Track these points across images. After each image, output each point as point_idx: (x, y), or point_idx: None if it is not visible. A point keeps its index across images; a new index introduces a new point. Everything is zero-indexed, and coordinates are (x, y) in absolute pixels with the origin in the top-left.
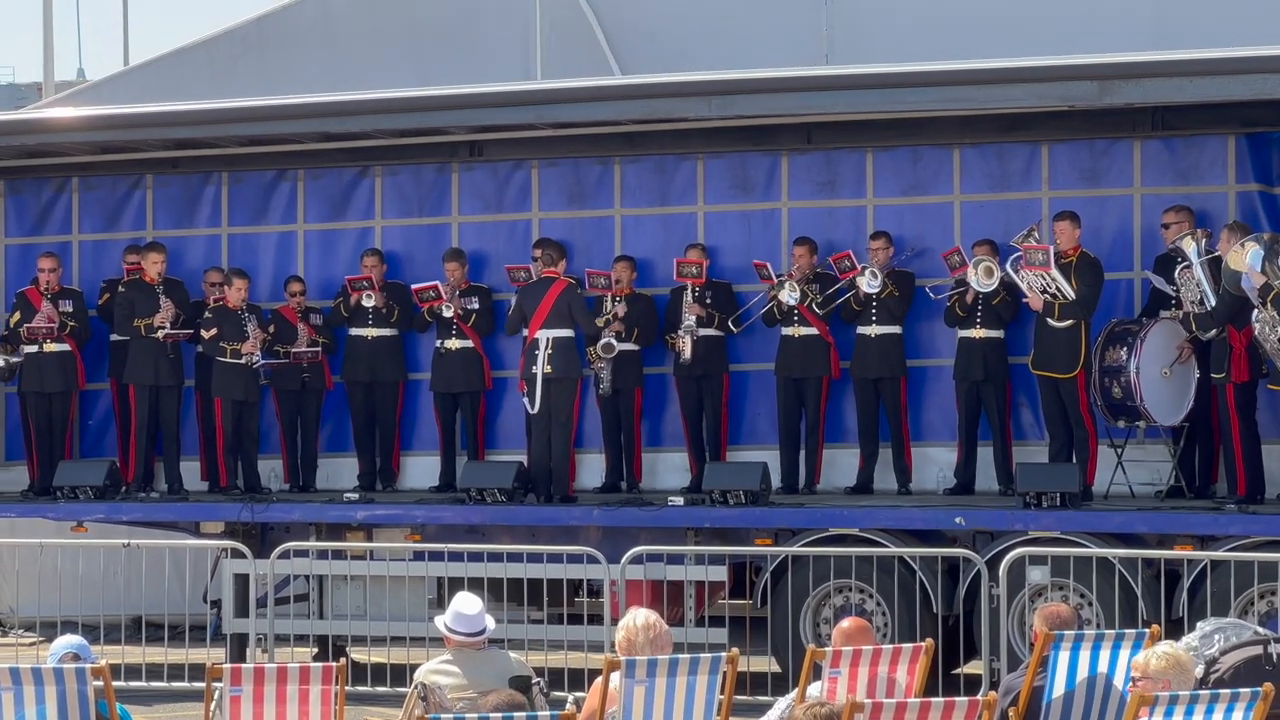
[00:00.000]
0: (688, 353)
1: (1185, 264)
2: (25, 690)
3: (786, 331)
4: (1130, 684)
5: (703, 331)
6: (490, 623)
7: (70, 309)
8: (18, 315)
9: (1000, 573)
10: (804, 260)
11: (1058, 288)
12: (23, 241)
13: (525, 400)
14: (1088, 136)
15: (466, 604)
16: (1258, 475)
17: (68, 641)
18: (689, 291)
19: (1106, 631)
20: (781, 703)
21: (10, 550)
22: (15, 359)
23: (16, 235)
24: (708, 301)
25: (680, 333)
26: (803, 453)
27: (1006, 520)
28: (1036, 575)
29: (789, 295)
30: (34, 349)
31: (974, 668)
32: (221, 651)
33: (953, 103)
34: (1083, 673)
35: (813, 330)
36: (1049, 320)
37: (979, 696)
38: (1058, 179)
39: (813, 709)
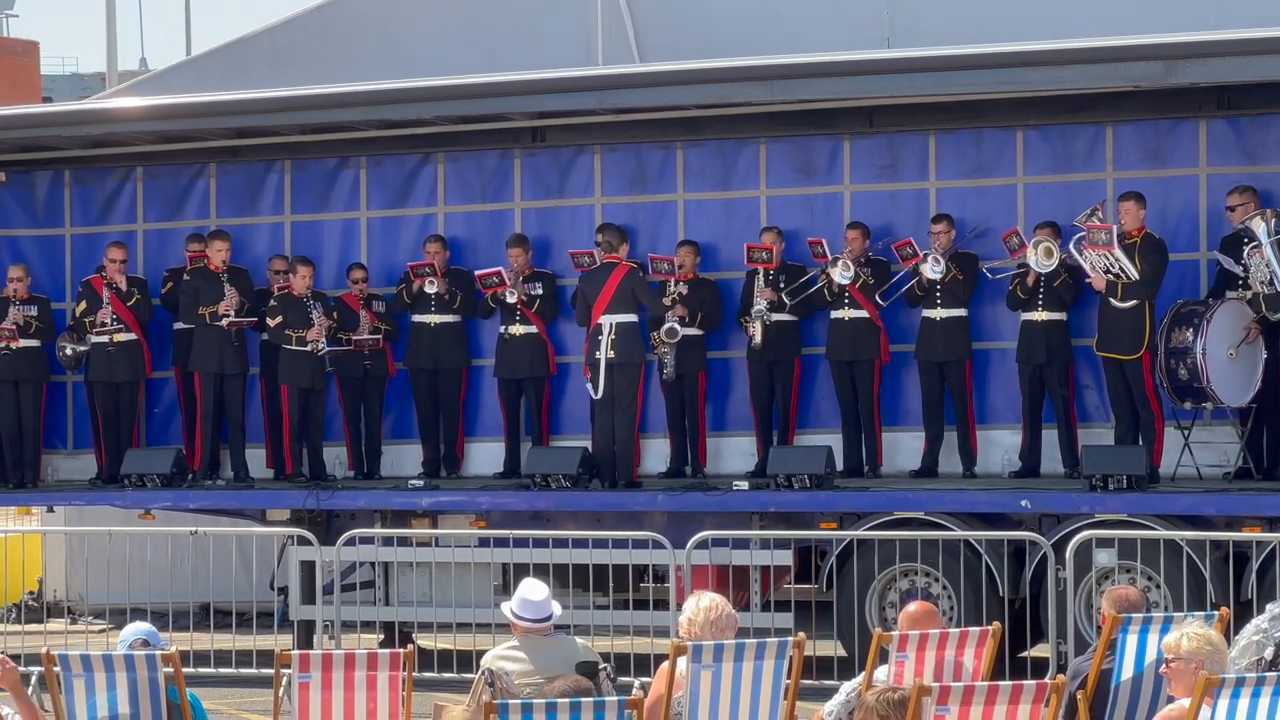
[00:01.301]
0: (758, 337)
1: (1254, 244)
2: (96, 677)
3: (836, 314)
4: (1164, 665)
5: (775, 316)
6: (557, 609)
7: (136, 297)
8: (84, 304)
9: (1067, 556)
10: (856, 244)
11: (1121, 268)
12: (88, 231)
13: (589, 385)
14: (1152, 117)
15: (533, 590)
16: None
17: (138, 628)
18: (760, 276)
19: (1175, 614)
20: (847, 686)
21: (79, 538)
22: (82, 348)
23: (81, 225)
24: (782, 285)
25: (752, 317)
26: (863, 436)
27: (1073, 503)
28: (1103, 558)
29: (842, 274)
30: (105, 339)
31: (1041, 651)
32: (288, 638)
33: (1015, 85)
34: (1151, 655)
35: (863, 313)
36: (1112, 301)
37: (1046, 680)
38: (1122, 160)
39: (885, 694)
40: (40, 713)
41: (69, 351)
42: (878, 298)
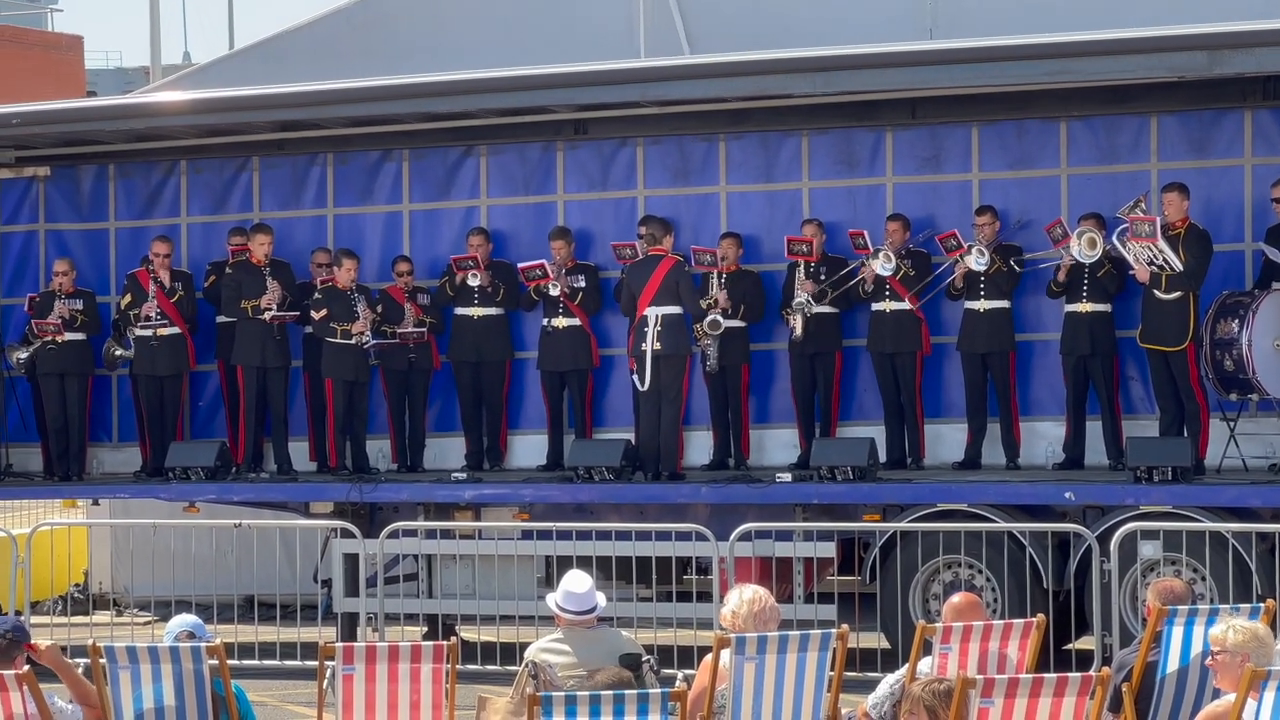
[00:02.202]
0: (799, 329)
1: None
2: (142, 669)
3: (877, 307)
4: (1209, 658)
5: (816, 308)
6: (601, 600)
7: (180, 292)
8: (129, 298)
9: (1111, 548)
10: (897, 236)
11: (1165, 259)
12: (132, 225)
13: (634, 377)
14: (1197, 107)
15: (576, 582)
16: None
17: (183, 620)
18: (801, 268)
19: (1221, 606)
20: (891, 679)
21: (124, 531)
22: (127, 352)
23: (126, 219)
24: (822, 277)
25: (793, 309)
26: (905, 428)
27: (1117, 495)
28: (1148, 550)
29: (883, 266)
30: (148, 334)
31: (1085, 644)
32: (332, 630)
33: (1059, 76)
34: (1197, 648)
35: (904, 305)
36: (1156, 293)
37: (1091, 672)
38: (1166, 150)
39: (931, 685)
40: (88, 685)
41: (116, 353)
42: (906, 299)
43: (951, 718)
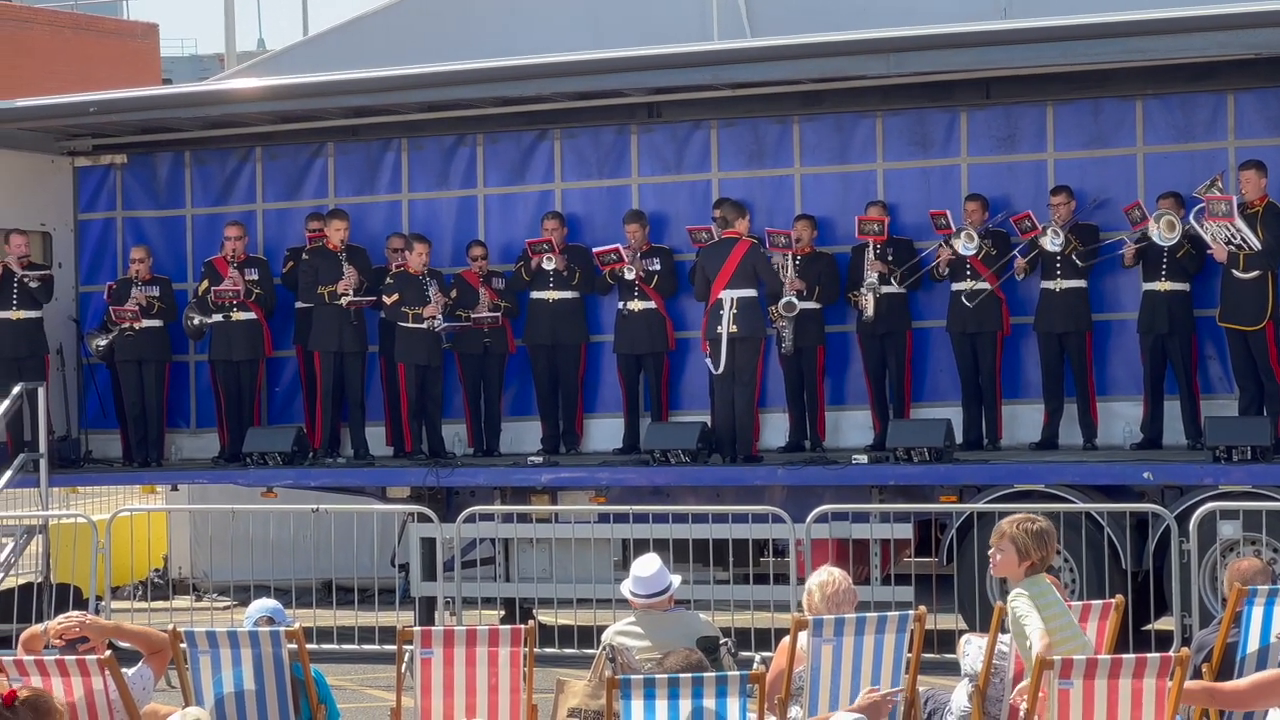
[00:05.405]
0: (870, 310)
1: None
2: (222, 653)
3: (957, 287)
4: None
5: (885, 289)
6: (674, 580)
7: (256, 277)
8: (206, 284)
9: (1191, 528)
10: (976, 216)
11: (1243, 238)
12: (209, 212)
13: (709, 360)
14: (1275, 84)
15: (644, 567)
16: None
17: (263, 605)
18: (870, 249)
19: None
20: (975, 641)
21: (203, 516)
22: (207, 320)
23: (203, 205)
24: (889, 259)
25: (863, 290)
26: (983, 408)
27: (1196, 475)
28: (1228, 530)
29: (965, 246)
30: (221, 317)
31: (1164, 624)
32: (410, 614)
33: (1136, 54)
34: (1277, 628)
35: (984, 285)
36: (1234, 272)
37: (1171, 653)
38: (1244, 128)
39: (1024, 524)
40: (142, 629)
41: (195, 322)
42: (986, 279)
43: (1034, 676)
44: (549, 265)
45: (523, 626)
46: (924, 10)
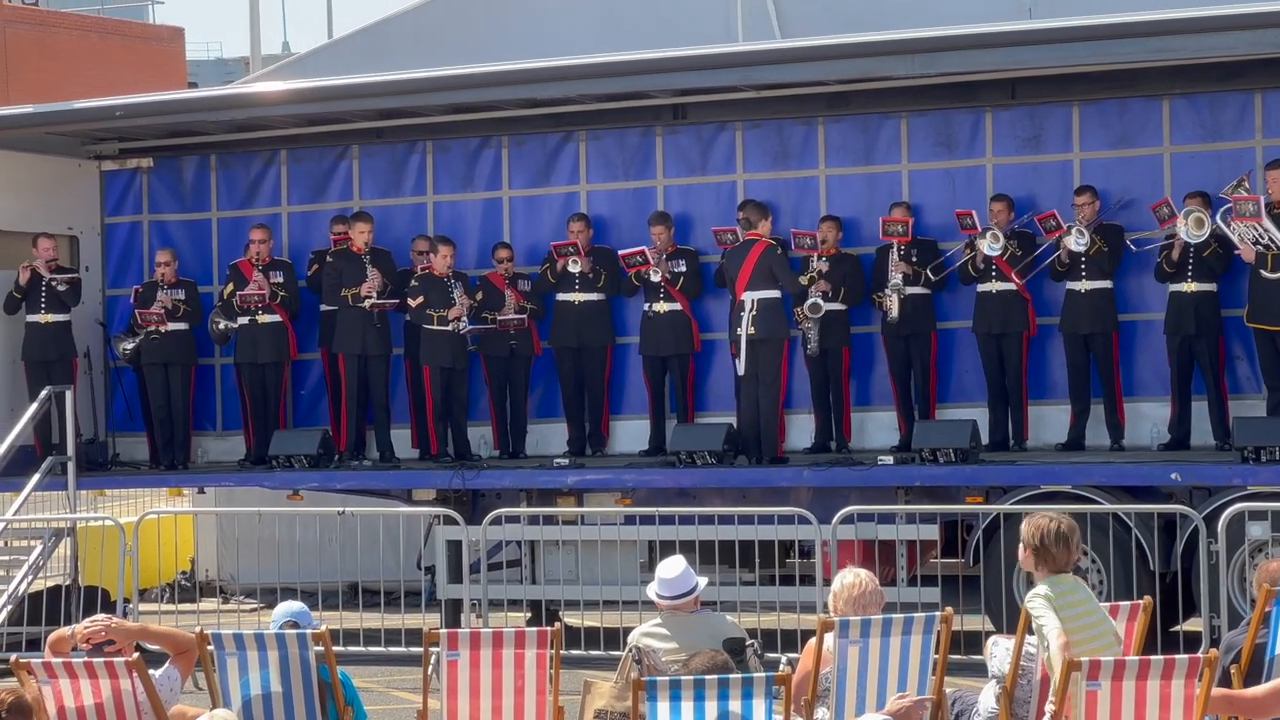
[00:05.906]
0: (895, 311)
1: None
2: (249, 655)
3: (983, 288)
4: None
5: (909, 290)
6: (699, 581)
7: (281, 280)
8: (231, 286)
9: (1219, 529)
10: (1002, 216)
11: (1270, 238)
12: (234, 215)
13: (736, 362)
14: None
15: (669, 569)
16: None
17: (289, 608)
18: (895, 250)
19: None
20: (1002, 642)
21: (229, 519)
22: (232, 324)
23: (227, 208)
24: (914, 259)
25: (887, 291)
26: (1009, 409)
27: (1224, 475)
28: (1256, 531)
29: (990, 246)
30: (246, 320)
31: (1193, 625)
32: (436, 617)
33: (1162, 53)
34: None
35: (1010, 286)
36: (1262, 272)
37: (1199, 654)
38: (1271, 127)
39: (1046, 525)
40: (168, 630)
41: (220, 326)
42: (1012, 280)
43: (1060, 680)
44: (574, 268)
45: (549, 628)
46: (948, 11)
